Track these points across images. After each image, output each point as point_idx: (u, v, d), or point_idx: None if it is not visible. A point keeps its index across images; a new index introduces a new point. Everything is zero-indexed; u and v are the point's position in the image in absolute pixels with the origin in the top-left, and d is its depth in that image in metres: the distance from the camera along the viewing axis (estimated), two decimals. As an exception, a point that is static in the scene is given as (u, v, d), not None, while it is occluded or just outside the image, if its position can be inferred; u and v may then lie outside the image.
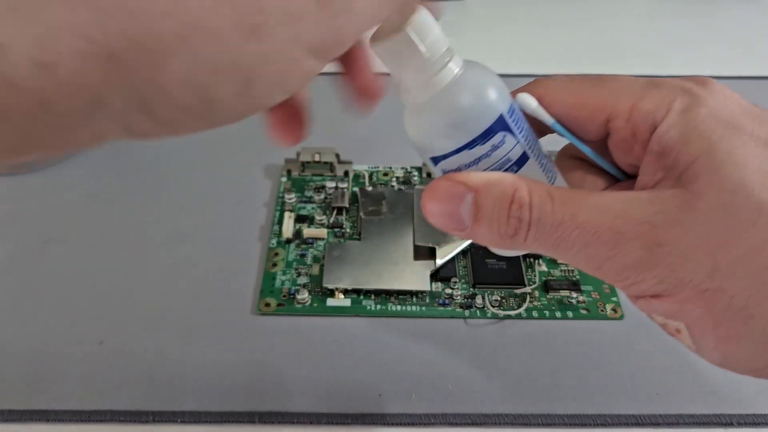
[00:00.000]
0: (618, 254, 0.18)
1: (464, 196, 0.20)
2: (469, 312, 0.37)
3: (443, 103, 0.20)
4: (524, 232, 0.19)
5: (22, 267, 0.40)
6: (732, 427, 0.32)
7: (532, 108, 0.21)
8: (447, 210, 0.20)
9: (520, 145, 0.21)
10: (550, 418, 0.32)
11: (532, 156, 0.22)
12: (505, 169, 0.21)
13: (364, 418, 0.32)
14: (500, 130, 0.20)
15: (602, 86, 0.21)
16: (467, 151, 0.20)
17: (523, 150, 0.21)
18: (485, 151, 0.20)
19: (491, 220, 0.19)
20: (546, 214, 0.18)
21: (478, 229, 0.20)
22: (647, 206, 0.18)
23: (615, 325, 0.37)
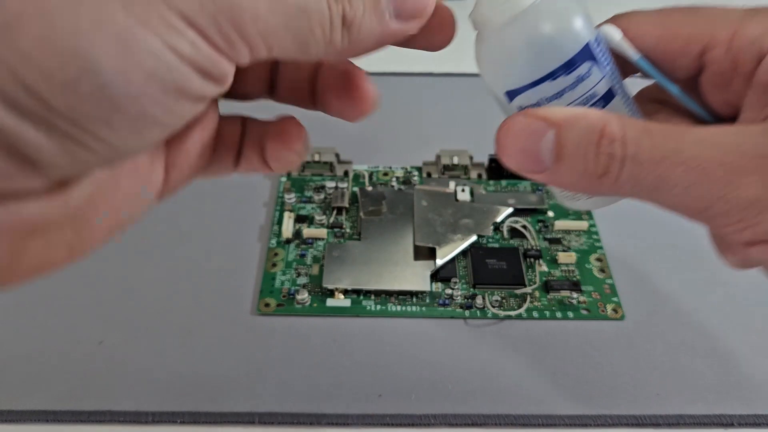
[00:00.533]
0: (732, 192, 0.16)
1: (545, 132, 0.17)
2: (469, 312, 0.37)
3: (524, 27, 0.18)
4: (616, 170, 0.16)
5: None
6: (732, 427, 0.32)
7: (615, 41, 0.19)
8: (524, 148, 0.18)
9: (606, 79, 0.18)
10: (550, 418, 0.32)
11: (618, 93, 0.19)
12: (590, 105, 0.18)
13: (364, 418, 0.32)
14: (586, 60, 0.18)
15: (696, 15, 0.18)
16: (549, 83, 0.18)
17: (610, 85, 0.19)
18: (569, 83, 0.18)
19: (576, 158, 0.17)
20: (643, 149, 0.16)
21: (560, 169, 0.17)
22: (762, 139, 0.16)
23: (615, 326, 0.36)
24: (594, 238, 0.41)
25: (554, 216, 0.43)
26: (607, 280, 0.39)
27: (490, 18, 0.19)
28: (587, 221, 0.42)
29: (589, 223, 0.42)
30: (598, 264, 0.40)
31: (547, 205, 0.43)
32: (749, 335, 0.36)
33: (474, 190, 0.44)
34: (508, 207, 0.42)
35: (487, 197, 0.44)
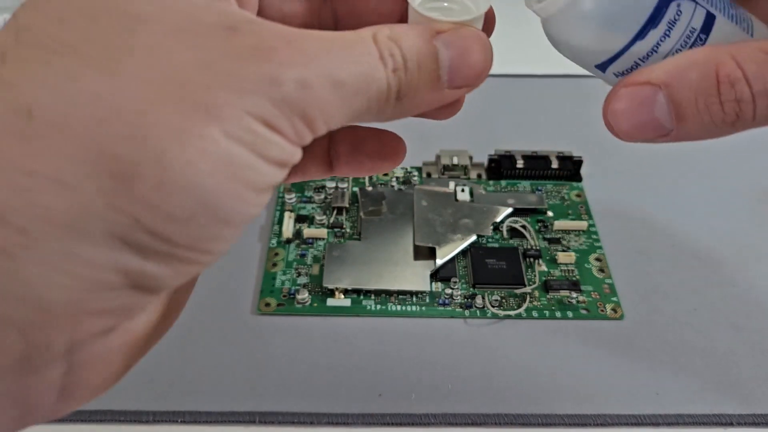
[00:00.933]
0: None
1: (654, 97, 0.16)
2: (469, 312, 0.37)
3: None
4: (750, 111, 0.15)
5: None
6: (732, 427, 0.32)
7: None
8: (639, 122, 0.17)
9: (699, 5, 0.16)
10: (549, 418, 0.32)
11: (718, 11, 0.17)
12: (691, 43, 0.17)
13: (364, 418, 0.32)
14: (671, 1, 0.16)
15: None
16: (640, 42, 0.17)
17: (706, 9, 0.17)
18: (662, 33, 0.16)
19: (699, 113, 0.15)
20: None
21: (686, 128, 0.16)
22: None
23: (615, 325, 0.37)
24: (593, 238, 0.41)
25: (554, 216, 0.43)
26: (606, 280, 0.39)
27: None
28: (587, 221, 0.42)
29: (588, 223, 0.42)
30: (597, 264, 0.40)
31: (546, 205, 0.43)
32: (748, 334, 0.36)
33: (474, 190, 0.44)
34: (507, 207, 0.42)
35: (487, 197, 0.44)
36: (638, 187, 0.46)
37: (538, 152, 0.46)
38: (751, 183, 0.47)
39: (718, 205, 0.45)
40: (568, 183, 0.46)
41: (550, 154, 0.45)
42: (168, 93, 0.13)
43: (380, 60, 0.15)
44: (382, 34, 0.15)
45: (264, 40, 0.14)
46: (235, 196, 0.14)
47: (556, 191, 0.45)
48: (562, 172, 0.45)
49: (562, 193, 0.45)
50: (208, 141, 0.13)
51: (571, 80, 0.58)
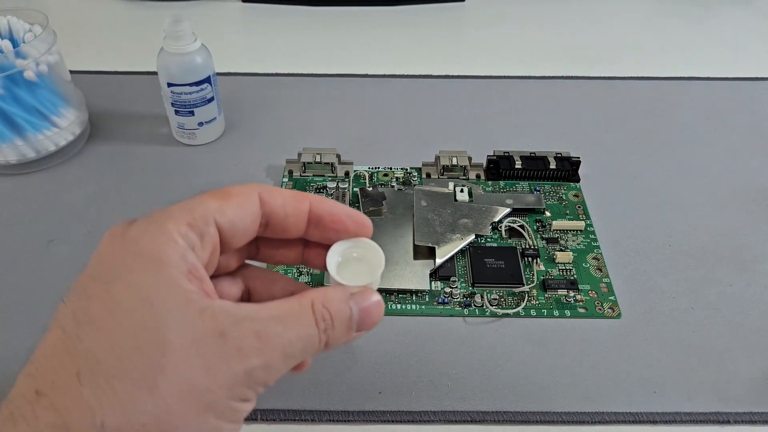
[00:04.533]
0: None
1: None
2: (468, 310, 0.37)
3: None
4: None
5: (26, 266, 0.40)
6: (729, 424, 0.32)
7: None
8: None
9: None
10: (548, 415, 0.32)
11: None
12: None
13: (364, 415, 0.32)
14: None
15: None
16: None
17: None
18: None
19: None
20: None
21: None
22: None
23: (612, 324, 0.37)
24: (591, 237, 0.42)
25: (552, 216, 0.43)
26: (604, 279, 0.39)
27: None
28: (584, 221, 0.43)
29: (586, 222, 0.43)
30: (595, 263, 0.40)
31: (544, 205, 0.44)
32: (745, 333, 0.36)
33: (473, 190, 0.44)
34: (506, 207, 0.43)
35: (486, 197, 0.44)
36: (635, 187, 0.46)
37: (536, 153, 0.46)
38: (746, 183, 0.47)
39: (714, 205, 0.45)
40: (565, 183, 0.46)
41: (548, 155, 0.46)
42: (185, 400, 0.19)
43: (315, 325, 0.22)
44: (318, 302, 0.22)
45: (242, 339, 0.20)
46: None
47: (554, 191, 0.45)
48: (560, 173, 0.46)
49: (560, 193, 0.45)
50: (207, 426, 0.20)
51: (570, 82, 0.59)
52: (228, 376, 0.20)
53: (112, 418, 0.18)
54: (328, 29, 0.68)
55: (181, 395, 0.19)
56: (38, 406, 0.19)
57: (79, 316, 0.20)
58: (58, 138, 0.48)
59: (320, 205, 0.25)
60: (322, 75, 0.59)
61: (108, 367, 0.19)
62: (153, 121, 0.52)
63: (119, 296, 0.20)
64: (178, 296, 0.20)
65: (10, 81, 0.44)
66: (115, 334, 0.20)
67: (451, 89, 0.58)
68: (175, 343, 0.20)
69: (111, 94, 0.56)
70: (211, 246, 0.23)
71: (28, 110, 0.46)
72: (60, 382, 0.19)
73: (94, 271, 0.21)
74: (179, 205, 0.23)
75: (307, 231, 0.25)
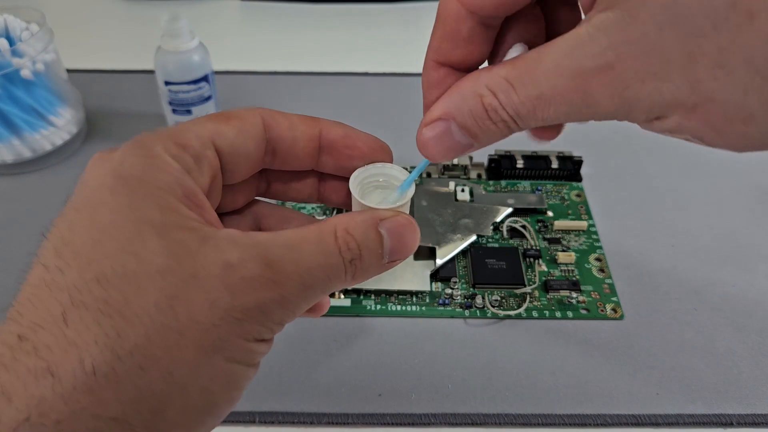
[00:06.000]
0: (598, 108, 0.17)
1: (449, 127, 0.20)
2: (469, 312, 0.37)
3: None
4: (516, 126, 0.19)
5: (22, 266, 0.40)
6: (731, 426, 0.32)
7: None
8: (447, 146, 0.20)
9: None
10: (550, 417, 0.32)
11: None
12: None
13: (364, 417, 0.32)
14: None
15: None
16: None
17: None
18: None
19: (482, 131, 0.19)
20: (517, 106, 0.18)
21: (480, 141, 0.20)
22: (592, 47, 0.17)
23: (615, 325, 0.37)
24: (593, 238, 0.41)
25: (554, 216, 0.43)
26: (606, 280, 0.39)
27: None
28: (587, 221, 0.42)
29: (588, 223, 0.42)
30: (597, 264, 0.40)
31: (546, 205, 0.43)
32: (748, 335, 0.36)
33: (474, 190, 0.44)
34: (507, 207, 0.42)
35: (487, 197, 0.44)
36: (638, 187, 0.46)
37: (538, 152, 0.46)
38: (750, 183, 0.47)
39: (717, 205, 0.45)
40: (568, 183, 0.46)
41: (550, 154, 0.45)
42: (186, 338, 0.17)
43: (339, 254, 0.19)
44: (341, 228, 0.19)
45: (251, 270, 0.18)
46: (230, 399, 0.19)
47: (556, 191, 0.45)
48: (562, 172, 0.45)
49: (562, 193, 0.45)
50: (215, 369, 0.18)
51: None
52: (237, 310, 0.17)
53: (102, 360, 0.16)
54: (327, 27, 0.68)
55: (182, 333, 0.17)
56: (20, 352, 0.16)
57: (61, 249, 0.18)
58: (55, 137, 0.47)
59: (332, 128, 0.22)
60: (321, 73, 0.59)
61: (94, 303, 0.17)
62: (150, 120, 0.52)
63: (104, 223, 0.18)
64: (173, 223, 0.18)
65: (7, 80, 0.44)
66: (102, 265, 0.17)
67: (451, 88, 0.57)
68: (172, 274, 0.17)
69: (108, 93, 0.55)
70: (210, 171, 0.20)
71: (24, 109, 0.45)
72: (43, 323, 0.17)
73: (76, 200, 0.19)
74: (169, 126, 0.20)
75: (319, 160, 0.23)
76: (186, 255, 0.17)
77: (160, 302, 0.17)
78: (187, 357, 0.17)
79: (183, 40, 0.45)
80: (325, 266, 0.19)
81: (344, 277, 0.19)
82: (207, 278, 0.17)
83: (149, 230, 0.18)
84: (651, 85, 0.16)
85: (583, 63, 0.17)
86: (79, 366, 0.16)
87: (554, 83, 0.17)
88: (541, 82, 0.17)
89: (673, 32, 0.15)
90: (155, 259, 0.17)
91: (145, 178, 0.18)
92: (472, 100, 0.19)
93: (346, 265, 0.19)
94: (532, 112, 0.18)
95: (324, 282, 0.19)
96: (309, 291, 0.19)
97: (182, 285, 0.17)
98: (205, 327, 0.17)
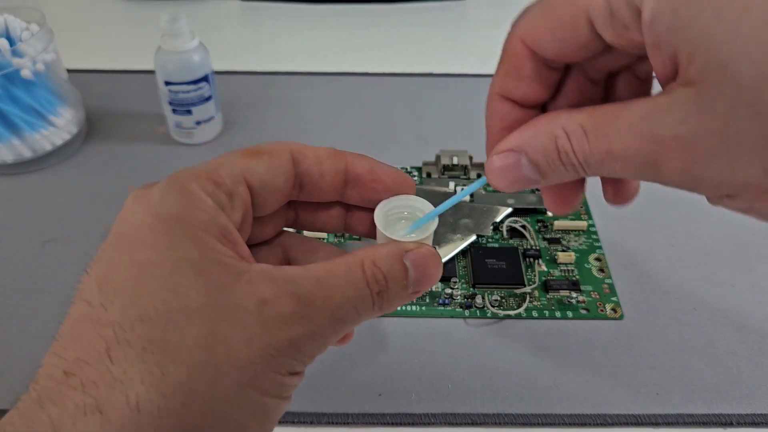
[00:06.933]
0: (664, 176, 0.18)
1: (519, 161, 0.20)
2: (469, 312, 0.37)
3: None
4: (584, 172, 0.19)
5: (23, 266, 0.40)
6: (731, 426, 0.32)
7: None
8: (514, 178, 0.21)
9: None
10: (550, 417, 0.32)
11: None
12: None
13: (364, 417, 0.32)
14: None
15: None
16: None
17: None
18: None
19: (552, 171, 0.20)
20: (587, 155, 0.19)
21: (548, 180, 0.20)
22: (668, 117, 0.17)
23: (615, 325, 0.37)
24: (593, 238, 0.41)
25: (553, 216, 0.43)
26: (606, 280, 0.39)
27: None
28: (586, 221, 0.42)
29: (588, 223, 0.42)
30: (597, 264, 0.40)
31: (546, 205, 0.43)
32: (748, 334, 0.36)
33: (473, 190, 0.44)
34: (507, 207, 0.42)
35: (487, 197, 0.44)
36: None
37: (537, 152, 0.46)
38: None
39: (717, 205, 0.45)
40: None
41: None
42: (225, 375, 0.18)
43: (367, 287, 0.20)
44: (368, 261, 0.20)
45: (284, 306, 0.18)
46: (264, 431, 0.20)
47: (556, 191, 0.45)
48: (561, 172, 0.45)
49: (562, 193, 0.45)
50: (252, 403, 0.18)
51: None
52: (271, 347, 0.18)
53: (147, 397, 0.17)
54: (327, 27, 0.68)
55: (221, 370, 0.18)
56: (67, 387, 0.17)
57: (103, 285, 0.18)
58: (55, 137, 0.47)
59: (358, 162, 0.23)
60: (321, 73, 0.59)
61: (137, 340, 0.17)
62: (150, 120, 0.52)
63: (144, 261, 0.18)
64: (210, 261, 0.18)
65: (7, 80, 0.44)
66: (144, 303, 0.18)
67: (451, 88, 0.57)
68: (210, 312, 0.18)
69: (108, 93, 0.56)
70: (242, 207, 0.21)
71: (24, 109, 0.45)
72: (88, 360, 0.17)
73: (116, 238, 0.20)
74: (203, 163, 0.21)
75: (345, 192, 0.23)
76: (222, 292, 0.18)
77: (199, 340, 0.18)
78: (226, 393, 0.18)
79: (183, 40, 0.45)
80: (353, 299, 0.20)
81: (372, 308, 0.20)
82: (243, 315, 0.18)
83: (187, 268, 0.18)
84: (722, 164, 0.17)
85: (656, 131, 0.17)
86: (125, 404, 0.17)
87: (625, 144, 0.18)
88: (613, 139, 0.18)
89: (749, 115, 0.16)
90: (194, 296, 0.18)
91: (182, 216, 0.19)
92: (546, 139, 0.19)
93: (374, 296, 0.20)
94: (599, 164, 0.18)
95: (353, 315, 0.20)
96: (339, 324, 0.20)
97: (220, 322, 0.18)
98: (242, 364, 0.18)
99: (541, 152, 0.20)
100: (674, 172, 0.17)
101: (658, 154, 0.17)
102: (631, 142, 0.17)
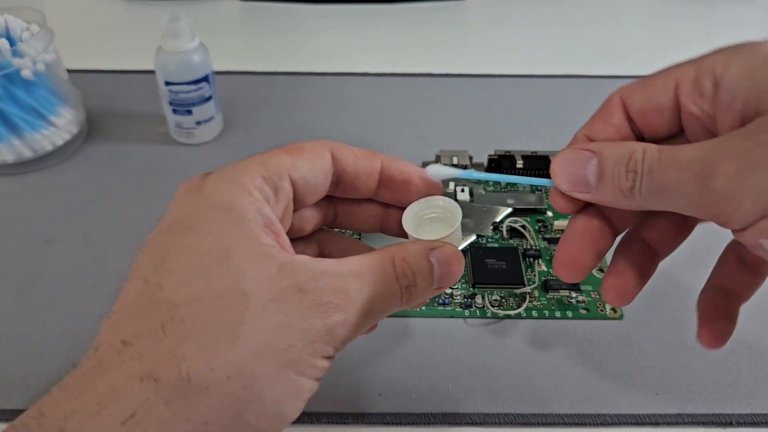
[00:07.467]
0: (713, 181, 0.19)
1: (589, 159, 0.22)
2: (468, 312, 0.37)
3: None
4: (639, 185, 0.21)
5: (23, 266, 0.40)
6: (731, 426, 0.32)
7: (440, 176, 0.25)
8: (573, 173, 0.22)
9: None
10: (549, 417, 0.32)
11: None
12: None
13: (364, 417, 0.32)
14: None
15: (665, 73, 0.23)
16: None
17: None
18: None
19: (613, 176, 0.21)
20: (653, 163, 0.20)
21: (601, 188, 0.22)
22: (732, 135, 0.19)
23: (614, 325, 0.37)
24: (593, 237, 0.41)
25: (553, 216, 0.43)
26: (606, 280, 0.39)
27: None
28: (586, 221, 0.42)
29: (588, 222, 0.42)
30: (597, 264, 0.40)
31: (545, 205, 0.43)
32: (748, 334, 0.36)
33: (473, 190, 0.44)
34: (507, 207, 0.42)
35: (487, 197, 0.44)
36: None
37: (537, 152, 0.46)
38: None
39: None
40: (567, 183, 0.46)
41: (549, 154, 0.46)
42: (266, 354, 0.19)
43: (397, 281, 0.22)
44: (398, 257, 0.22)
45: (322, 296, 0.20)
46: (296, 409, 0.21)
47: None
48: (561, 172, 0.45)
49: (562, 193, 0.45)
50: (288, 382, 0.20)
51: (571, 80, 0.58)
52: (309, 332, 0.20)
53: (196, 369, 0.18)
54: (327, 27, 0.68)
55: (263, 350, 0.19)
56: (126, 356, 0.19)
57: (159, 266, 0.20)
58: (56, 137, 0.47)
59: (391, 164, 0.25)
60: (321, 73, 0.59)
61: (190, 318, 0.19)
62: (151, 120, 0.52)
63: (197, 247, 0.20)
64: (256, 249, 0.20)
65: (7, 80, 0.44)
66: (196, 285, 0.19)
67: (451, 88, 0.57)
68: (255, 297, 0.19)
69: (108, 93, 0.56)
70: (285, 201, 0.22)
71: (25, 109, 0.45)
72: (145, 332, 0.19)
73: (170, 223, 0.21)
74: (252, 158, 0.22)
75: (378, 191, 0.25)
76: (266, 279, 0.20)
77: (245, 321, 0.19)
78: (265, 371, 0.19)
79: (183, 40, 0.45)
80: (384, 293, 0.21)
81: (400, 301, 0.22)
82: (285, 301, 0.20)
83: (236, 255, 0.20)
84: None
85: (716, 144, 0.19)
86: (178, 374, 0.18)
87: (689, 153, 0.20)
88: (681, 149, 0.20)
89: None
90: (240, 281, 0.19)
91: (233, 206, 0.21)
92: (624, 149, 0.21)
93: (402, 290, 0.22)
94: (661, 172, 0.20)
95: (383, 306, 0.22)
96: (370, 315, 0.21)
97: (264, 306, 0.19)
98: (283, 347, 0.19)
99: (613, 157, 0.21)
100: (724, 177, 0.19)
101: (714, 161, 0.19)
102: (694, 152, 0.19)
